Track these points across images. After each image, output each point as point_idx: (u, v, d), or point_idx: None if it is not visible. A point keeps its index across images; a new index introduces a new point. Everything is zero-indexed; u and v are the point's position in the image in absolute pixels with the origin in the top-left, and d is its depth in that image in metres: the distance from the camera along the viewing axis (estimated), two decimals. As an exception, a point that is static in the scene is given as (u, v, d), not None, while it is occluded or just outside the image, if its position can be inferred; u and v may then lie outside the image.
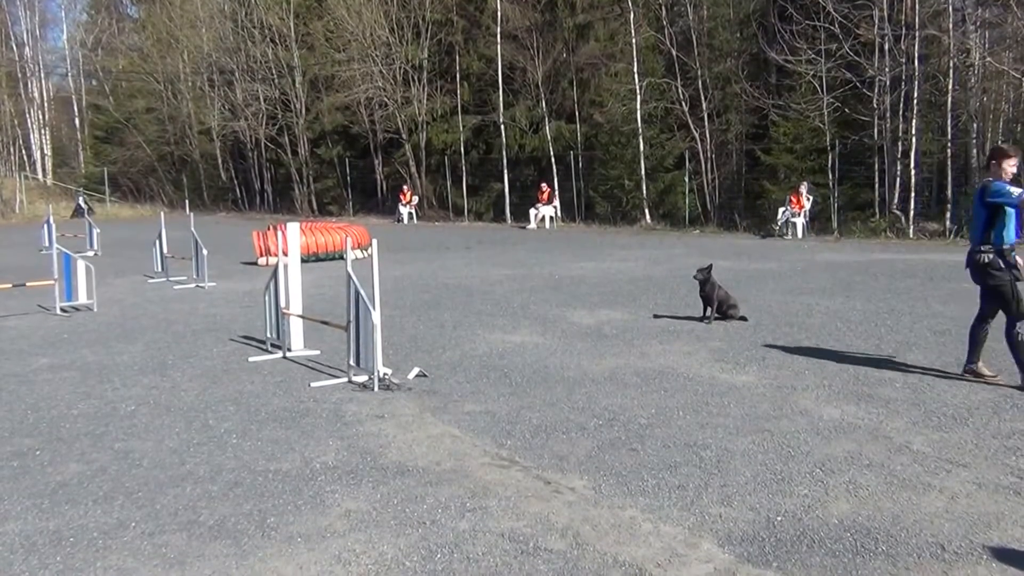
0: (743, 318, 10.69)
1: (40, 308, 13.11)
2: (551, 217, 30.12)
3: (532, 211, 30.06)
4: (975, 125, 24.00)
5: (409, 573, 4.14)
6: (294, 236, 9.78)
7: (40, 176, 56.32)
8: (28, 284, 13.14)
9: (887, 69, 23.99)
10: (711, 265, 10.99)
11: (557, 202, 30.84)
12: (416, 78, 35.58)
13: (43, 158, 58.46)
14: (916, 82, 23.73)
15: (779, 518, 4.63)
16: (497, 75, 33.18)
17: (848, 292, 12.89)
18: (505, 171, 33.46)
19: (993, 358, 7.80)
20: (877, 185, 24.94)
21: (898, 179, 24.29)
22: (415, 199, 34.85)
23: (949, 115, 23.72)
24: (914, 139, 23.85)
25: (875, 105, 24.34)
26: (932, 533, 4.39)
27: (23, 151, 56.12)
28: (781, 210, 24.35)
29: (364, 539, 4.54)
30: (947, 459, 5.51)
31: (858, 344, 9.11)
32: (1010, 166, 7.30)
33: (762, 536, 4.41)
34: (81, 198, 43.69)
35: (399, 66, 35.55)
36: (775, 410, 6.72)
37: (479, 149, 35.27)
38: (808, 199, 24.08)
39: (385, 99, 35.74)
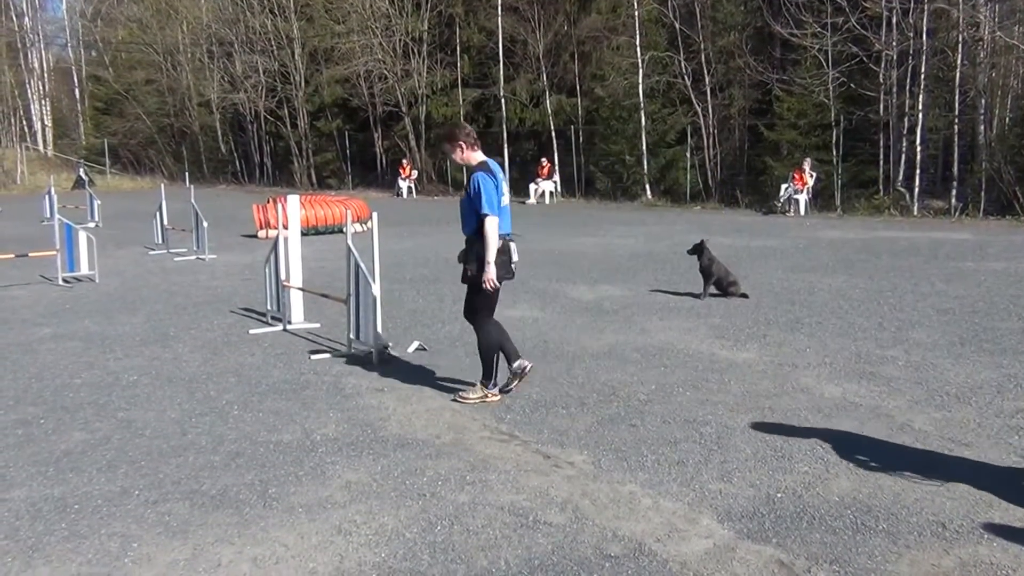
0: (744, 295, 10.70)
1: (42, 278, 13.13)
2: (551, 192, 30.08)
3: (532, 186, 30.02)
4: (983, 101, 23.87)
5: (409, 544, 4.18)
6: (294, 209, 9.77)
7: (41, 147, 56.19)
8: (30, 254, 13.17)
9: (894, 43, 23.85)
10: (702, 241, 10.99)
11: (557, 177, 30.80)
12: (416, 51, 35.43)
13: (44, 129, 58.29)
14: (924, 56, 23.61)
15: (779, 495, 4.66)
16: (498, 48, 33.06)
17: (850, 270, 12.90)
18: (505, 145, 33.37)
19: None
20: (882, 162, 24.86)
21: (903, 156, 24.23)
22: (414, 173, 34.78)
23: (957, 90, 23.57)
24: (920, 115, 23.78)
25: (881, 80, 24.21)
26: (933, 512, 4.42)
27: (24, 122, 55.92)
28: (784, 187, 24.31)
29: (364, 510, 4.58)
30: (949, 438, 5.53)
31: (860, 322, 9.13)
32: None
33: (762, 512, 4.44)
34: (82, 169, 43.61)
35: (399, 38, 35.39)
36: (776, 387, 6.74)
37: (479, 123, 35.09)
38: (811, 176, 24.03)
39: (385, 72, 35.61)
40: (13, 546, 4.24)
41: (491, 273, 6.25)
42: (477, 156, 6.46)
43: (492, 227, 6.21)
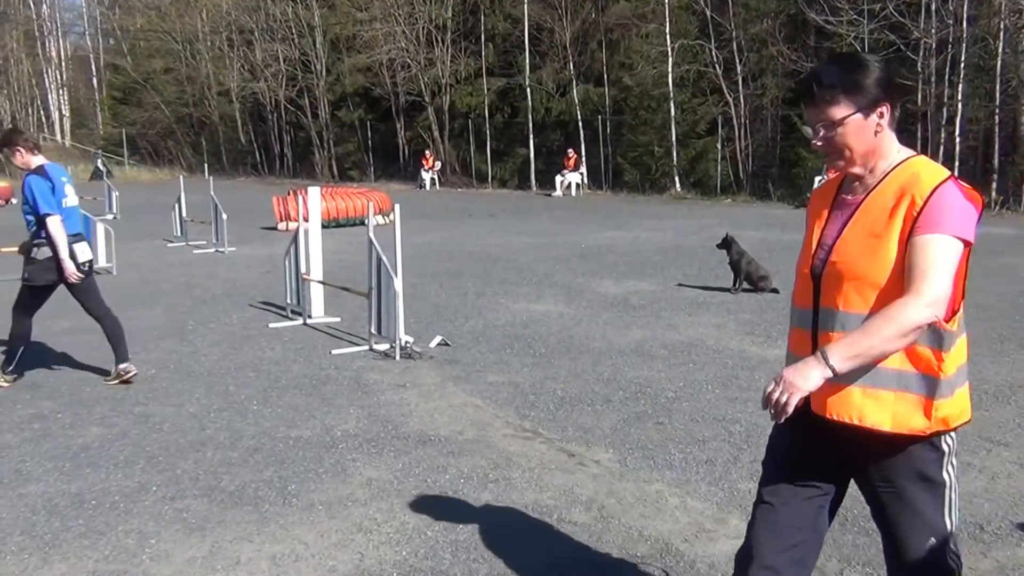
0: (775, 290, 10.66)
1: (58, 271, 13.25)
2: (578, 184, 30.02)
3: (558, 178, 29.97)
4: (1026, 90, 23.61)
5: (431, 543, 4.20)
6: (315, 201, 9.82)
7: (59, 137, 56.76)
8: (46, 247, 13.28)
9: (933, 31, 23.61)
10: (727, 235, 10.98)
11: (584, 169, 30.71)
12: (440, 39, 35.45)
13: (61, 119, 58.91)
14: (964, 45, 23.35)
15: (810, 494, 4.64)
16: (523, 36, 33.01)
17: (885, 264, 12.78)
18: (531, 136, 33.36)
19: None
20: (920, 153, 24.60)
21: (942, 147, 23.99)
22: (438, 164, 34.82)
23: (998, 80, 23.29)
24: (960, 105, 23.53)
25: (919, 69, 23.96)
26: (971, 513, 4.39)
27: (41, 112, 56.53)
28: (817, 179, 24.08)
29: (386, 508, 4.61)
30: (987, 438, 5.49)
31: (895, 318, 9.04)
32: None
33: (792, 512, 4.42)
34: (99, 160, 43.96)
35: (422, 26, 35.43)
36: (807, 384, 6.69)
37: (504, 113, 35.17)
38: (845, 168, 23.82)
39: (408, 60, 35.68)
40: (30, 542, 4.30)
41: (69, 268, 6.77)
42: (36, 160, 6.91)
43: (55, 225, 6.66)
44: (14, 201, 29.53)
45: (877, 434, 2.45)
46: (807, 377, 2.38)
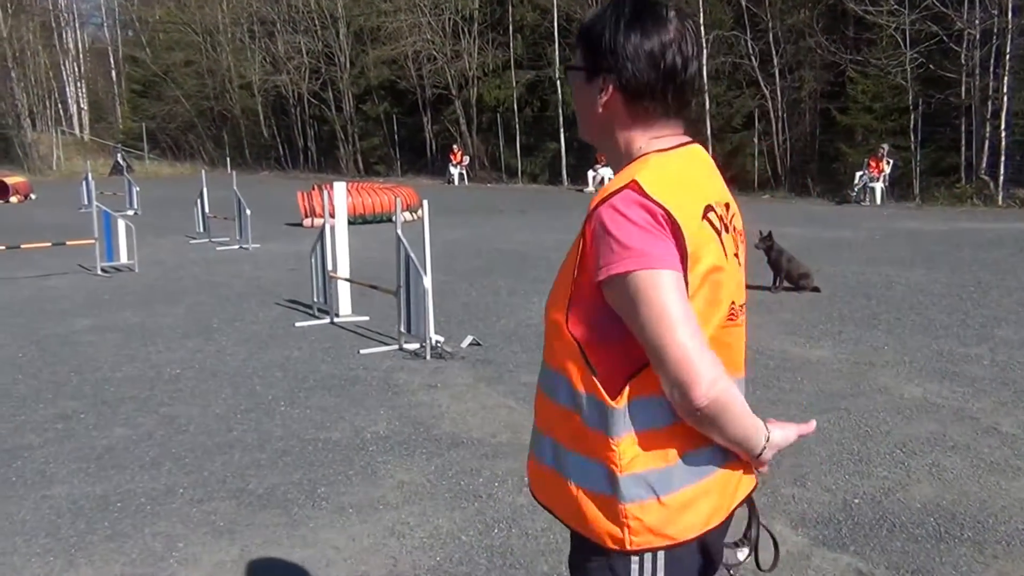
0: (816, 289, 10.59)
1: (81, 268, 13.40)
2: (610, 179, 29.92)
3: (590, 173, 29.88)
4: (1074, 84, 23.35)
5: (465, 547, 4.21)
6: (341, 196, 9.85)
7: (77, 131, 57.30)
8: (68, 243, 13.44)
9: (977, 21, 23.36)
10: (770, 232, 10.93)
11: (616, 164, 30.63)
12: (466, 30, 35.47)
13: (79, 112, 59.43)
14: (1009, 36, 23.08)
15: (856, 500, 4.62)
16: (552, 27, 32.96)
17: (930, 263, 12.70)
18: (561, 130, 33.30)
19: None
20: (963, 148, 24.38)
21: (987, 142, 23.74)
22: (466, 159, 34.82)
23: (1045, 72, 23.08)
24: (1006, 98, 23.26)
25: (963, 61, 23.73)
26: (1023, 520, 4.35)
27: (59, 105, 57.06)
28: (859, 174, 23.96)
29: (418, 511, 4.62)
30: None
31: (941, 319, 8.98)
32: None
33: (838, 519, 4.40)
34: (119, 155, 44.39)
35: (448, 17, 35.45)
36: (852, 387, 6.67)
37: (533, 106, 35.12)
38: (888, 163, 23.67)
39: (434, 52, 35.71)
40: (55, 544, 4.35)
41: None
42: None
43: None
44: (33, 197, 29.86)
45: None
46: None
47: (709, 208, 1.85)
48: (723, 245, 1.88)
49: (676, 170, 1.86)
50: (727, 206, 1.96)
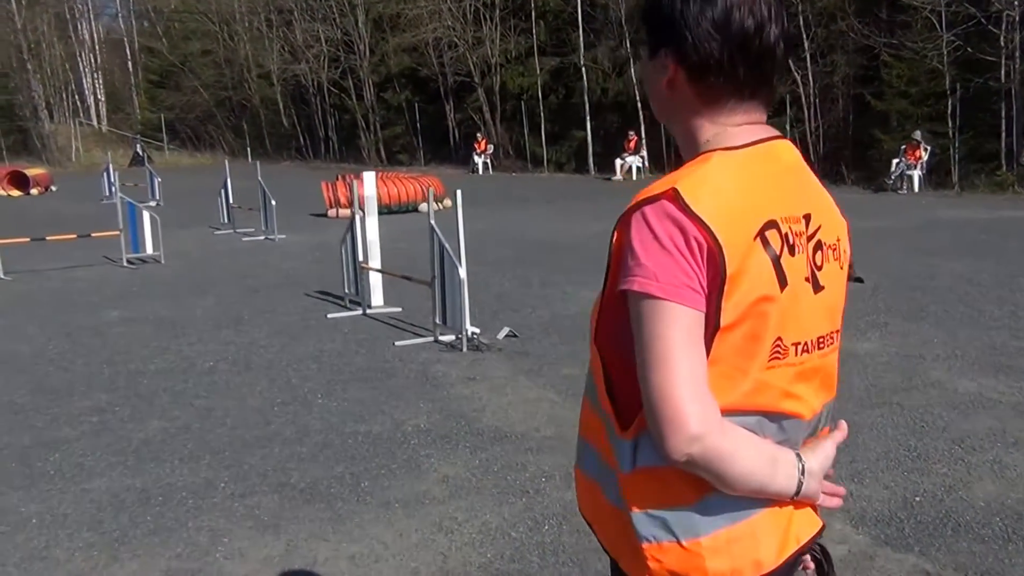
0: (859, 279, 10.38)
1: (106, 259, 13.47)
2: (639, 168, 29.81)
3: (618, 161, 29.80)
4: (1118, 67, 23.06)
5: (516, 544, 4.18)
6: (371, 186, 9.84)
7: (95, 123, 57.61)
8: (93, 235, 13.49)
9: (1016, 2, 23.08)
10: None
11: (645, 152, 30.48)
12: (488, 16, 35.37)
13: (97, 104, 59.73)
14: (1051, 18, 22.86)
15: (917, 498, 4.55)
16: (576, 12, 32.82)
17: (975, 252, 12.56)
18: (587, 118, 33.17)
19: None
20: (1004, 134, 24.12)
21: (1029, 127, 23.52)
22: (490, 148, 34.75)
23: (1088, 55, 22.79)
24: (1047, 82, 23.03)
25: (1002, 43, 23.45)
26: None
27: (76, 96, 57.34)
28: (895, 161, 23.77)
29: (465, 507, 4.59)
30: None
31: (991, 310, 8.86)
32: None
33: (900, 517, 4.34)
34: (139, 145, 44.62)
35: (469, 3, 35.36)
36: (904, 381, 6.59)
37: (558, 94, 35.00)
38: (925, 149, 23.46)
39: (455, 39, 35.66)
40: (98, 539, 4.35)
41: None
42: None
43: None
44: (54, 188, 30.05)
45: None
46: None
47: (771, 224, 1.58)
48: (782, 269, 1.59)
49: (735, 175, 1.60)
50: (807, 219, 1.70)
